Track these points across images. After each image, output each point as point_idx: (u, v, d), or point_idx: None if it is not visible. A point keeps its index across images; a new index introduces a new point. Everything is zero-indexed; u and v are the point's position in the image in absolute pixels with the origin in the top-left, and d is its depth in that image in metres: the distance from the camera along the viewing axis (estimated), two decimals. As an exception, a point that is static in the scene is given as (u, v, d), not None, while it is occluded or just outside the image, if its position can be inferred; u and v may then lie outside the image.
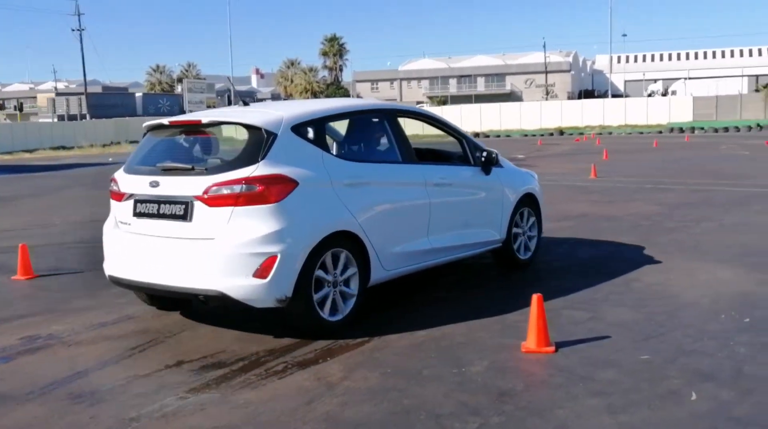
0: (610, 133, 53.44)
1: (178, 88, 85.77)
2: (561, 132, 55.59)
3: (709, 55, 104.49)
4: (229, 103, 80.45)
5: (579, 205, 13.23)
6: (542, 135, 53.48)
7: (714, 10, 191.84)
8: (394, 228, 6.38)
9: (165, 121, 6.37)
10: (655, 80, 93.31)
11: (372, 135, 6.93)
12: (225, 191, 5.46)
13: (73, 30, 72.47)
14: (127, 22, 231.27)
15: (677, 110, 59.94)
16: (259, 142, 5.65)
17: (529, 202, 8.15)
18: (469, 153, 7.49)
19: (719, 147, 32.13)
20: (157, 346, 5.73)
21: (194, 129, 6.28)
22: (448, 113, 59.51)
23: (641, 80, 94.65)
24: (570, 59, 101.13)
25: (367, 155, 6.84)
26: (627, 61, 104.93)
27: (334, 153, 6.30)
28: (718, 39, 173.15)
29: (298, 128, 5.89)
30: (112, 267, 6.19)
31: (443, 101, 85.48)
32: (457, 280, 7.64)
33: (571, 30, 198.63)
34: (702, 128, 51.58)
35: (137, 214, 5.93)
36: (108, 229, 6.31)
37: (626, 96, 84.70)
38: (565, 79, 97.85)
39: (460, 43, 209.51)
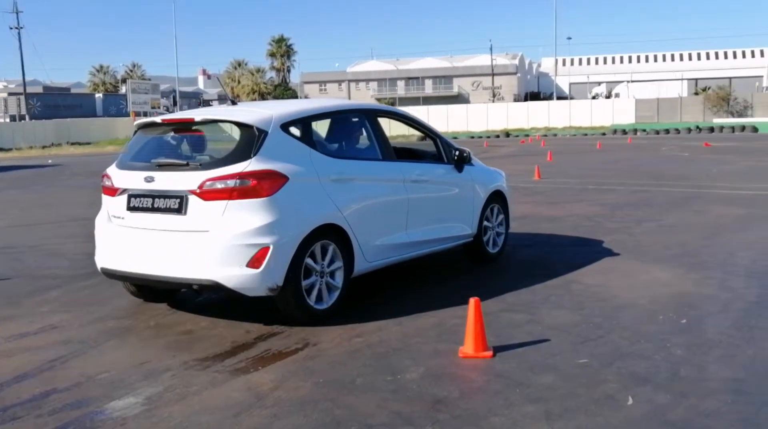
0: (555, 135, 54.07)
1: (123, 89, 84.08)
2: (507, 134, 56.08)
3: (651, 58, 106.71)
4: (175, 104, 79.16)
5: (522, 207, 13.24)
6: (488, 137, 53.83)
7: (656, 16, 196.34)
8: (376, 221, 6.70)
9: (157, 119, 6.64)
10: (599, 83, 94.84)
11: (354, 133, 7.28)
12: (219, 186, 5.72)
13: (11, 28, 70.47)
14: (70, 21, 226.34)
15: (620, 112, 61.05)
16: (251, 140, 5.94)
17: (497, 199, 8.55)
18: (443, 151, 7.83)
19: (660, 148, 32.73)
20: (79, 357, 5.45)
21: (185, 127, 6.57)
22: (396, 115, 59.43)
23: (586, 83, 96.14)
24: (516, 62, 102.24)
25: (350, 153, 7.09)
26: (572, 63, 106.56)
27: (320, 150, 6.49)
28: (660, 43, 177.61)
29: (287, 126, 6.22)
30: (105, 259, 6.41)
31: (391, 103, 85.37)
32: (394, 283, 7.50)
33: (518, 33, 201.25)
34: (644, 130, 52.59)
35: (131, 208, 6.16)
36: (100, 223, 6.51)
37: (571, 98, 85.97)
38: (512, 82, 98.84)
39: (407, 45, 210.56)
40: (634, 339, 5.45)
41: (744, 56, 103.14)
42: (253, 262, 5.65)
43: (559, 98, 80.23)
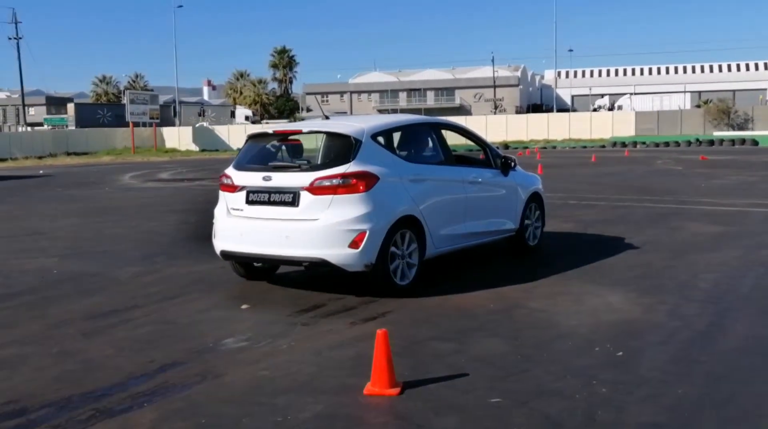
0: (555, 147, 53.65)
1: (125, 100, 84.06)
2: (506, 146, 55.52)
3: (654, 71, 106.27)
4: (175, 115, 78.96)
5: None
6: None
7: (658, 28, 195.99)
8: (442, 214, 8.02)
9: (269, 130, 8.12)
10: (602, 95, 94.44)
11: (423, 142, 8.65)
12: (326, 183, 7.07)
13: (10, 38, 70.52)
14: (72, 31, 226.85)
15: (620, 125, 60.55)
16: (349, 147, 7.31)
17: (535, 199, 9.97)
18: (491, 158, 9.27)
19: (655, 162, 32.27)
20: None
21: (289, 137, 7.85)
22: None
23: (588, 95, 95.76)
24: (518, 74, 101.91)
25: (421, 158, 8.39)
26: (575, 76, 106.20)
27: (399, 156, 7.89)
28: (663, 55, 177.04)
29: (375, 136, 7.63)
30: (225, 244, 7.72)
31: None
32: (314, 307, 7.08)
33: (520, 45, 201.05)
34: (644, 143, 52.17)
35: (250, 202, 7.50)
36: (220, 214, 7.86)
37: (574, 110, 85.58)
38: (514, 94, 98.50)
39: (410, 56, 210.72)
40: (559, 374, 5.01)
41: (748, 69, 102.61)
42: (354, 244, 6.98)
43: (561, 110, 79.85)
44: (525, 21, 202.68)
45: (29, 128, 79.12)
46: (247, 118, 79.02)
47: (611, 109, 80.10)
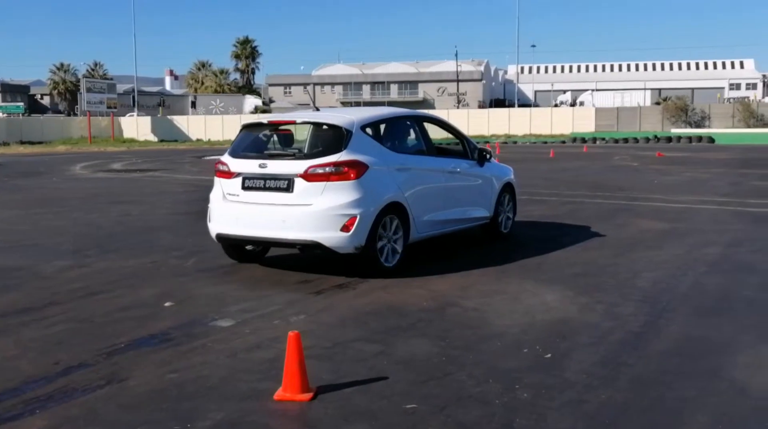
0: (515, 142, 53.65)
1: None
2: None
3: (616, 68, 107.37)
4: (133, 104, 77.58)
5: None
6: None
7: (621, 25, 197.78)
8: (424, 202, 8.48)
9: (264, 119, 8.55)
10: (564, 91, 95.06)
11: (408, 134, 9.22)
12: (320, 171, 7.52)
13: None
14: (31, 18, 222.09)
15: (581, 121, 60.89)
16: (341, 137, 7.77)
17: (508, 189, 10.55)
18: (469, 150, 9.74)
19: (612, 158, 32.42)
20: None
21: (283, 127, 8.33)
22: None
23: (551, 91, 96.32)
24: (482, 68, 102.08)
25: (406, 149, 8.89)
26: (538, 71, 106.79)
27: (386, 146, 8.31)
28: (624, 53, 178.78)
29: (364, 128, 8.11)
30: (221, 227, 8.09)
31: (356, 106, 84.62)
32: (238, 308, 6.80)
33: (484, 40, 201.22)
34: (603, 139, 52.44)
35: (246, 188, 7.89)
36: (216, 199, 8.20)
37: (536, 105, 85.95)
38: (477, 88, 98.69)
39: (373, 49, 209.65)
40: (483, 378, 4.80)
41: (706, 68, 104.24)
42: (345, 228, 7.44)
43: (523, 106, 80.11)
44: (489, 16, 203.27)
45: (-17, 116, 77.16)
46: (256, 108, 77.06)
47: (573, 104, 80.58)
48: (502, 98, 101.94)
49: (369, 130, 8.21)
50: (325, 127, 8.03)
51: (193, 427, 4.07)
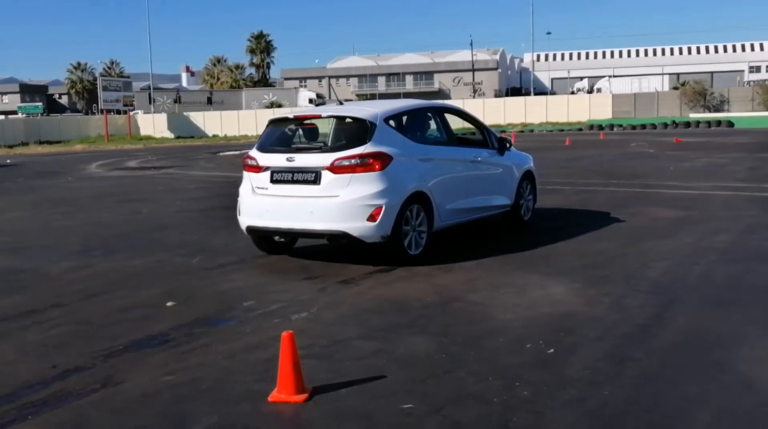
0: (532, 131, 53.26)
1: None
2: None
3: (633, 53, 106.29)
4: (150, 101, 77.93)
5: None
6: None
7: (637, 10, 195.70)
8: (447, 191, 8.65)
9: (290, 115, 8.78)
10: (581, 78, 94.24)
11: (429, 125, 9.43)
12: (346, 163, 7.71)
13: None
14: (48, 17, 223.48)
15: (597, 108, 60.40)
16: (365, 130, 7.97)
17: (528, 177, 10.62)
18: (489, 139, 9.87)
19: (629, 145, 32.07)
20: None
21: (308, 121, 8.65)
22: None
23: (567, 78, 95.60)
24: (497, 57, 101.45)
25: (428, 139, 9.06)
26: (554, 59, 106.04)
27: (409, 137, 8.46)
28: (641, 38, 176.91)
29: (388, 120, 8.25)
30: (250, 220, 8.34)
31: (372, 99, 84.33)
32: (238, 307, 6.73)
33: (499, 28, 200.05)
34: (620, 125, 51.99)
35: (274, 181, 8.11)
36: (245, 193, 8.43)
37: (553, 93, 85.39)
38: (493, 77, 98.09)
39: (388, 41, 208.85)
40: (483, 375, 4.70)
41: (726, 50, 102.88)
42: (372, 217, 7.64)
43: (539, 94, 79.61)
44: (503, 4, 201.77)
45: (2, 116, 77.83)
46: (311, 100, 76.84)
47: (590, 91, 79.85)
48: (518, 87, 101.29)
49: (392, 123, 8.33)
50: (349, 120, 8.29)
51: (185, 432, 4.00)
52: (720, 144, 30.18)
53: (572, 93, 77.55)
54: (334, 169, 7.72)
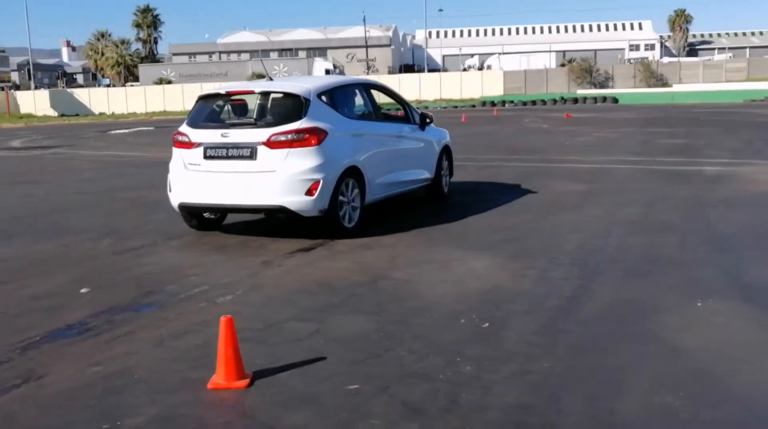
0: (426, 107, 53.72)
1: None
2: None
3: (521, 30, 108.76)
4: (29, 77, 73.99)
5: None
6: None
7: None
8: (377, 165, 8.76)
9: (222, 90, 8.60)
10: (472, 55, 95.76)
11: (358, 101, 9.47)
12: (282, 138, 7.75)
13: None
14: None
15: (489, 84, 61.69)
16: (300, 105, 8.02)
17: (446, 151, 11.05)
18: (410, 115, 10.15)
19: (523, 120, 32.90)
20: None
21: (239, 97, 8.55)
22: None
23: (458, 55, 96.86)
24: (390, 34, 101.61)
25: (358, 115, 9.16)
26: (445, 35, 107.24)
27: (340, 113, 8.49)
28: (529, 15, 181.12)
29: (320, 95, 8.29)
30: (183, 196, 8.24)
31: (262, 76, 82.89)
32: (157, 291, 6.50)
33: (390, 4, 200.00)
34: (512, 101, 53.26)
35: (208, 157, 8.00)
36: (176, 169, 8.28)
37: (444, 70, 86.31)
38: (386, 54, 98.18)
39: (279, 16, 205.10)
40: (423, 352, 4.70)
41: (607, 29, 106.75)
42: (310, 192, 7.71)
43: (432, 70, 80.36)
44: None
45: None
46: (327, 71, 73.12)
47: (480, 68, 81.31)
48: (411, 64, 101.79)
49: (324, 98, 8.36)
50: (283, 96, 8.38)
51: (124, 425, 3.81)
52: (609, 119, 31.39)
53: (465, 70, 78.67)
54: (270, 144, 7.72)
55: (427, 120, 10.34)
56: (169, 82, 69.75)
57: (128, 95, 63.10)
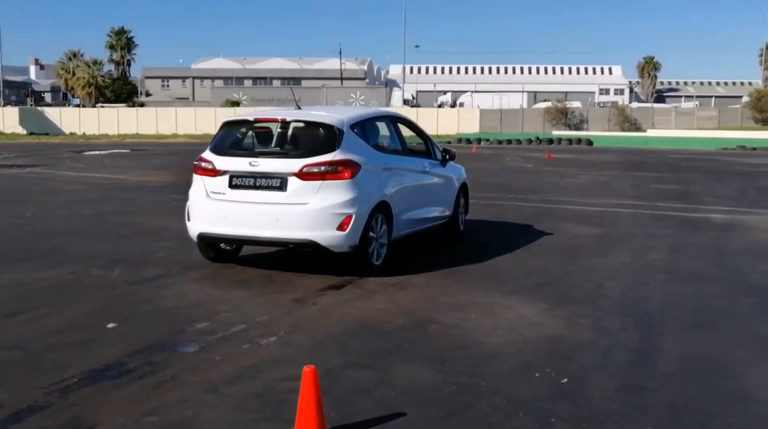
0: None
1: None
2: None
3: (494, 70, 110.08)
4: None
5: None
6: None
7: (497, 30, 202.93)
8: (404, 201, 8.51)
9: (250, 117, 8.27)
10: (445, 92, 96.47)
11: (386, 134, 9.19)
12: (315, 170, 7.42)
13: None
14: None
15: (465, 122, 61.88)
16: (333, 136, 7.69)
17: (464, 188, 10.70)
18: (432, 150, 9.83)
19: (504, 159, 32.88)
20: None
21: (262, 125, 8.30)
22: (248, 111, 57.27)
23: (432, 91, 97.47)
24: (365, 67, 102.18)
25: (386, 148, 8.88)
26: (419, 71, 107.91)
27: (371, 145, 8.23)
28: (501, 56, 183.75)
29: (353, 127, 8.00)
30: (204, 226, 7.81)
31: (237, 103, 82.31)
32: (199, 329, 6.05)
33: (366, 38, 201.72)
34: (488, 140, 53.40)
35: (233, 186, 7.65)
36: (198, 197, 7.87)
37: (417, 106, 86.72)
38: (360, 87, 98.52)
39: (255, 44, 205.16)
40: (508, 410, 4.33)
41: (578, 72, 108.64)
42: (341, 226, 7.40)
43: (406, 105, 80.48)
44: (371, 15, 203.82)
45: None
46: (405, 101, 71.77)
47: (453, 105, 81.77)
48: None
49: (356, 130, 8.07)
50: (316, 125, 7.94)
51: (204, 489, 3.37)
52: (590, 161, 31.48)
53: (439, 106, 79.06)
54: (302, 175, 7.40)
55: (448, 157, 10.04)
56: (142, 105, 68.86)
57: (101, 116, 62.07)
